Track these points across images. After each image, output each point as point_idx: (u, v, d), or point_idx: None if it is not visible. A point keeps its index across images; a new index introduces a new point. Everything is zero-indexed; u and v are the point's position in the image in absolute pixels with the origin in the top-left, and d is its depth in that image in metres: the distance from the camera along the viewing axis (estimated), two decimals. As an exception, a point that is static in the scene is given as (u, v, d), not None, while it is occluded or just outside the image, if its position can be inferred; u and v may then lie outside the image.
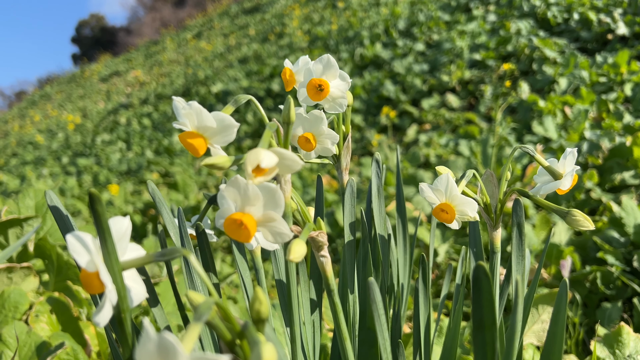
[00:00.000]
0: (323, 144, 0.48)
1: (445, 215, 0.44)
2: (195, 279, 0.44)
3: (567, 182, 0.44)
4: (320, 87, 0.46)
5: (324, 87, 0.46)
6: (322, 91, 0.46)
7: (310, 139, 0.47)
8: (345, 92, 0.47)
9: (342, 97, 0.47)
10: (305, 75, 0.47)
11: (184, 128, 0.36)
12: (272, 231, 0.32)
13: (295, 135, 0.48)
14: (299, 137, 0.48)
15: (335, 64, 0.46)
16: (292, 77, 0.48)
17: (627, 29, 3.45)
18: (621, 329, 0.82)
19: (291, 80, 0.48)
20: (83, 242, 0.29)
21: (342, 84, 0.47)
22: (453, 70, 3.67)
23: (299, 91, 0.48)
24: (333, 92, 0.46)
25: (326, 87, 0.46)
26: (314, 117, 0.47)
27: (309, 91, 0.46)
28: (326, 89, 0.46)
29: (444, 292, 0.62)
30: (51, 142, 7.17)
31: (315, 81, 0.46)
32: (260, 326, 0.28)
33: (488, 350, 0.33)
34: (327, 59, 0.46)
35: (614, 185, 1.68)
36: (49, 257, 1.06)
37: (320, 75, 0.46)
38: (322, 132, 0.47)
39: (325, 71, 0.46)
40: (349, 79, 0.47)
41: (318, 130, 0.47)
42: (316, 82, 0.46)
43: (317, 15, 7.74)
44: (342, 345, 0.43)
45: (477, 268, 0.31)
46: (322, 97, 0.46)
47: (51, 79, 21.72)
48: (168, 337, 0.21)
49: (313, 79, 0.46)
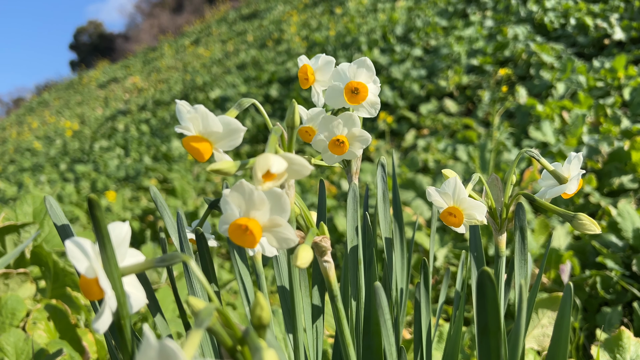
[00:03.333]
0: (352, 147, 0.47)
1: (453, 219, 0.44)
2: (195, 284, 0.44)
3: (572, 186, 0.44)
4: (356, 91, 0.44)
5: (360, 90, 0.44)
6: (357, 94, 0.44)
7: (343, 141, 0.45)
8: (377, 95, 0.46)
9: (376, 102, 0.46)
10: (336, 76, 0.45)
11: (185, 132, 0.35)
12: (277, 237, 0.31)
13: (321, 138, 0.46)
14: (331, 140, 0.46)
15: (372, 66, 0.44)
16: (314, 76, 0.46)
17: (623, 34, 3.46)
18: (622, 334, 0.81)
19: (312, 79, 0.46)
20: (82, 248, 0.29)
21: (375, 87, 0.46)
22: (451, 76, 3.68)
23: (327, 92, 0.46)
24: (369, 96, 0.45)
25: (364, 90, 0.44)
26: (346, 118, 0.45)
27: (346, 94, 0.44)
28: (363, 92, 0.44)
29: (442, 296, 0.61)
30: (49, 149, 7.15)
31: (353, 84, 0.44)
32: (262, 332, 0.27)
33: (493, 356, 0.33)
34: (364, 61, 0.44)
35: (613, 190, 1.68)
36: (46, 264, 1.06)
37: (355, 78, 0.45)
38: (354, 134, 0.46)
39: (361, 74, 0.45)
40: (379, 83, 0.46)
41: (350, 132, 0.46)
42: (353, 85, 0.44)
43: (314, 22, 7.76)
44: (345, 351, 0.42)
45: (481, 273, 0.31)
46: (359, 100, 0.45)
47: (49, 85, 21.71)
48: (169, 344, 0.21)
49: (351, 81, 0.44)
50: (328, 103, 0.46)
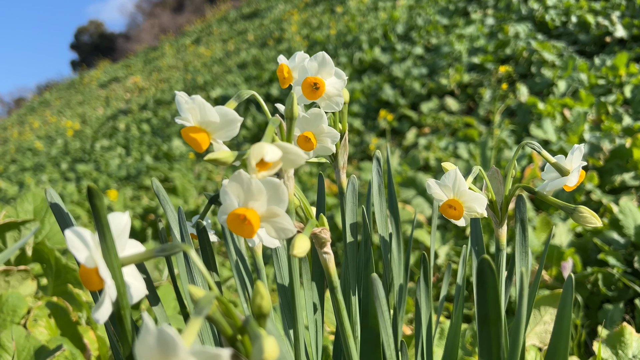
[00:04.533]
0: (323, 143, 0.47)
1: (453, 212, 0.44)
2: (196, 277, 0.44)
3: (574, 178, 0.43)
4: (315, 86, 0.44)
5: (319, 85, 0.44)
6: (317, 90, 0.45)
7: (310, 138, 0.46)
8: (341, 90, 0.46)
9: (338, 95, 0.46)
10: (300, 73, 0.45)
11: (185, 123, 0.35)
12: (275, 227, 0.31)
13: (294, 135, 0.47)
14: (299, 137, 0.46)
15: (331, 61, 0.44)
16: (290, 75, 0.47)
17: (625, 32, 3.45)
18: (624, 330, 0.81)
19: (288, 77, 0.47)
20: (82, 238, 0.29)
21: (338, 81, 0.46)
22: (452, 74, 3.68)
23: (295, 89, 0.47)
24: (329, 90, 0.45)
25: (322, 85, 0.44)
26: (314, 115, 0.46)
27: (304, 89, 0.45)
28: (322, 87, 0.44)
29: (443, 292, 0.61)
30: (50, 149, 7.16)
31: (310, 79, 0.44)
32: (262, 321, 0.27)
33: (493, 345, 0.33)
34: (322, 57, 0.44)
35: (614, 187, 1.68)
36: (47, 261, 1.06)
37: (315, 73, 0.45)
38: (322, 130, 0.46)
39: (320, 69, 0.45)
40: (344, 77, 0.46)
41: (318, 128, 0.46)
42: (311, 81, 0.44)
43: (315, 20, 7.76)
44: (345, 343, 0.42)
45: (481, 262, 0.31)
46: (318, 95, 0.45)
47: (50, 85, 21.73)
48: (168, 331, 0.21)
49: (308, 77, 0.44)
50: (298, 100, 0.46)
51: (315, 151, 0.48)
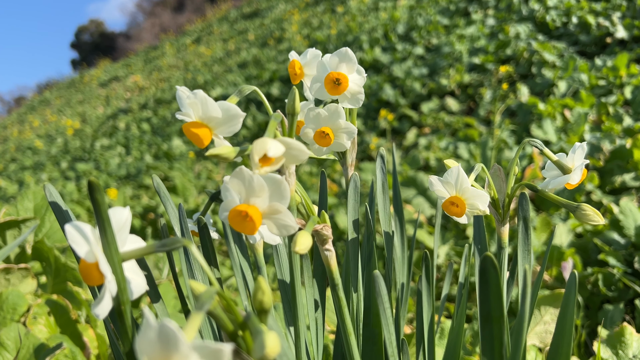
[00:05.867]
0: (339, 139, 0.47)
1: (456, 209, 0.43)
2: (196, 274, 0.43)
3: (576, 176, 0.43)
4: (337, 82, 0.44)
5: (342, 81, 0.44)
6: (339, 85, 0.44)
7: (328, 133, 0.45)
8: (362, 86, 0.45)
9: (359, 92, 0.45)
10: (320, 68, 0.45)
11: (186, 119, 0.35)
12: (277, 223, 0.31)
13: (308, 131, 0.46)
14: (316, 132, 0.46)
15: (354, 56, 0.44)
16: (302, 71, 0.46)
17: (625, 33, 3.45)
18: (624, 330, 0.81)
19: (300, 74, 0.46)
20: (82, 232, 0.28)
21: (359, 78, 0.45)
22: (452, 74, 3.67)
23: (311, 85, 0.46)
24: (351, 87, 0.45)
25: (345, 81, 0.44)
26: (332, 111, 0.45)
27: (326, 85, 0.44)
28: (344, 83, 0.44)
29: (444, 291, 0.61)
30: (50, 147, 7.16)
31: (333, 75, 0.44)
32: (263, 317, 0.27)
33: (496, 343, 0.32)
34: (345, 52, 0.44)
35: (615, 188, 1.68)
36: (47, 259, 1.05)
37: (335, 69, 0.44)
38: (339, 126, 0.46)
39: (342, 64, 0.44)
40: (364, 73, 0.45)
41: (335, 124, 0.46)
42: (334, 76, 0.44)
43: (316, 20, 7.76)
44: (346, 340, 0.42)
45: (484, 259, 0.31)
46: (340, 91, 0.44)
47: (50, 84, 21.73)
48: (169, 325, 0.21)
49: (331, 72, 0.44)
50: (315, 96, 0.46)
51: (329, 147, 0.48)
